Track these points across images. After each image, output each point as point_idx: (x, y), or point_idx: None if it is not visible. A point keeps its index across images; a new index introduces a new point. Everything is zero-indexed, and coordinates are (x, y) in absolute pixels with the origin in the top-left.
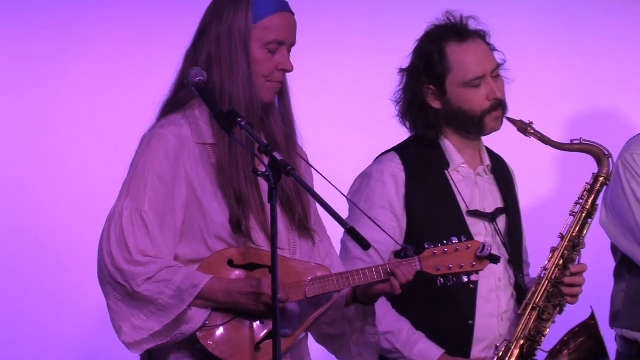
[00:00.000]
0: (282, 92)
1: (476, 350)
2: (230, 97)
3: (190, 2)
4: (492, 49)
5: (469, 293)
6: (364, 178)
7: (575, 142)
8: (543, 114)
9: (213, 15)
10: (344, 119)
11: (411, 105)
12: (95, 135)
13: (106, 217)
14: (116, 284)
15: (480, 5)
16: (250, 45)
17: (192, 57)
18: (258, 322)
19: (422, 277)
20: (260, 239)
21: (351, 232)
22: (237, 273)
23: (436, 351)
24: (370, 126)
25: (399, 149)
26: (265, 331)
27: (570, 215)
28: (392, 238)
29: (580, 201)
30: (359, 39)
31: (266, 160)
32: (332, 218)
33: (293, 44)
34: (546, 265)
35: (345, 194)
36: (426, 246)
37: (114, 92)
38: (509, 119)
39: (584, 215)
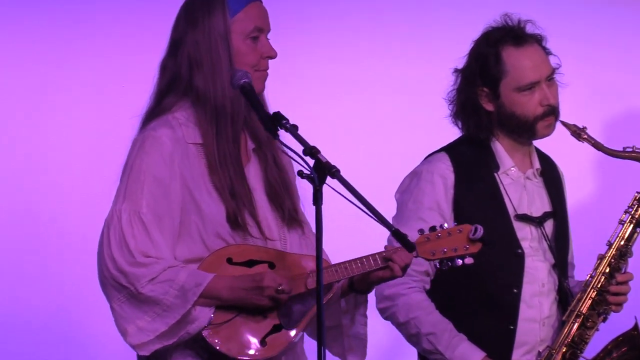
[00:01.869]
0: None
1: (517, 355)
2: (215, 97)
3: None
4: (548, 53)
5: (512, 297)
6: (414, 177)
7: (628, 149)
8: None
9: (186, 24)
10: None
11: (464, 106)
12: (99, 135)
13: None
14: (120, 287)
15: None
16: (231, 41)
17: (172, 67)
18: (262, 317)
19: (464, 281)
20: (255, 232)
21: (396, 234)
22: (237, 270)
23: (477, 354)
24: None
25: (449, 149)
26: (270, 326)
27: (619, 223)
28: (381, 223)
29: (630, 210)
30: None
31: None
32: (377, 221)
33: (269, 31)
34: (592, 272)
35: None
36: (418, 233)
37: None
38: (563, 123)
39: (632, 224)
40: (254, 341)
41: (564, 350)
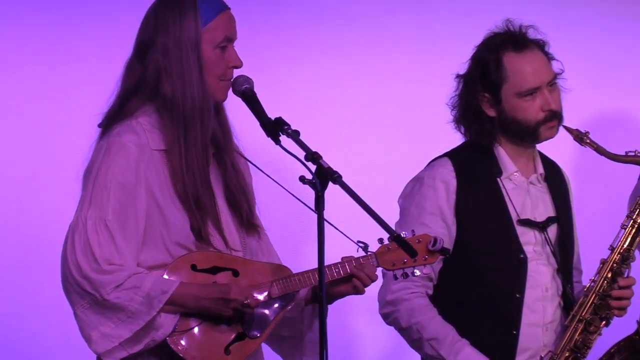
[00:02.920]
0: None
1: None
2: (184, 104)
3: None
4: (551, 58)
5: (515, 302)
6: (416, 183)
7: (630, 154)
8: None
9: (156, 26)
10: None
11: (466, 111)
12: None
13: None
14: (84, 293)
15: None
16: (201, 49)
17: (138, 70)
18: (226, 325)
19: (467, 286)
20: (217, 242)
21: (397, 240)
22: (201, 277)
23: (480, 359)
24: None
25: (452, 155)
26: (233, 334)
27: (622, 227)
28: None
29: (632, 214)
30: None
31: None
32: (380, 225)
33: (236, 39)
34: (595, 277)
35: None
36: (378, 242)
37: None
38: (565, 127)
39: (635, 228)
40: (218, 350)
41: (566, 355)
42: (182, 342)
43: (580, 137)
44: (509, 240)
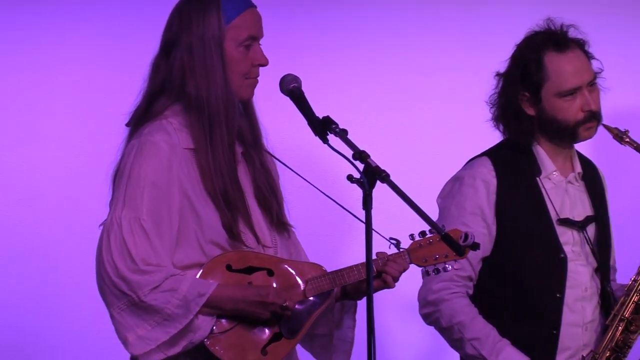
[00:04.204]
0: None
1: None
2: (209, 103)
3: None
4: (591, 57)
5: (555, 302)
6: (455, 182)
7: None
8: None
9: (180, 24)
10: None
11: (505, 110)
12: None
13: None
14: (120, 294)
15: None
16: (225, 47)
17: (164, 67)
18: (262, 326)
19: (507, 286)
20: (249, 240)
21: (446, 238)
22: (236, 277)
23: (521, 359)
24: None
25: (491, 154)
26: (270, 334)
27: None
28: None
29: None
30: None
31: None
32: (428, 224)
33: (262, 37)
34: (636, 276)
35: (315, 184)
36: (409, 238)
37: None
38: (605, 126)
39: None
40: (255, 351)
41: (607, 354)
42: (220, 344)
43: (619, 136)
44: (549, 240)
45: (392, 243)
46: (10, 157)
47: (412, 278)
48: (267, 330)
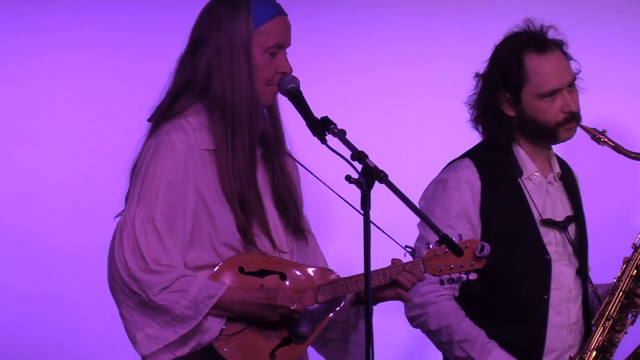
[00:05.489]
0: None
1: None
2: (233, 104)
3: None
4: (569, 58)
5: (542, 304)
6: (439, 184)
7: None
8: None
9: (210, 23)
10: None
11: (485, 111)
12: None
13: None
14: (130, 293)
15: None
16: (252, 52)
17: (190, 65)
18: (272, 329)
19: (493, 288)
20: (264, 245)
21: (444, 239)
22: (248, 280)
23: None
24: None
25: (473, 155)
26: (279, 338)
27: None
28: (393, 239)
29: None
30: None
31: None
32: (427, 225)
33: (289, 45)
34: (620, 276)
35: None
36: (425, 247)
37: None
38: (582, 127)
39: None
40: (263, 354)
41: (594, 354)
42: (228, 346)
43: (597, 136)
44: (534, 241)
45: (407, 251)
46: (11, 157)
47: None
48: (276, 334)
